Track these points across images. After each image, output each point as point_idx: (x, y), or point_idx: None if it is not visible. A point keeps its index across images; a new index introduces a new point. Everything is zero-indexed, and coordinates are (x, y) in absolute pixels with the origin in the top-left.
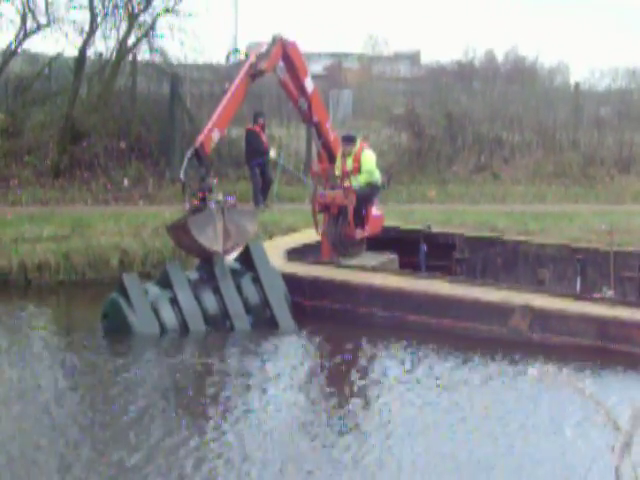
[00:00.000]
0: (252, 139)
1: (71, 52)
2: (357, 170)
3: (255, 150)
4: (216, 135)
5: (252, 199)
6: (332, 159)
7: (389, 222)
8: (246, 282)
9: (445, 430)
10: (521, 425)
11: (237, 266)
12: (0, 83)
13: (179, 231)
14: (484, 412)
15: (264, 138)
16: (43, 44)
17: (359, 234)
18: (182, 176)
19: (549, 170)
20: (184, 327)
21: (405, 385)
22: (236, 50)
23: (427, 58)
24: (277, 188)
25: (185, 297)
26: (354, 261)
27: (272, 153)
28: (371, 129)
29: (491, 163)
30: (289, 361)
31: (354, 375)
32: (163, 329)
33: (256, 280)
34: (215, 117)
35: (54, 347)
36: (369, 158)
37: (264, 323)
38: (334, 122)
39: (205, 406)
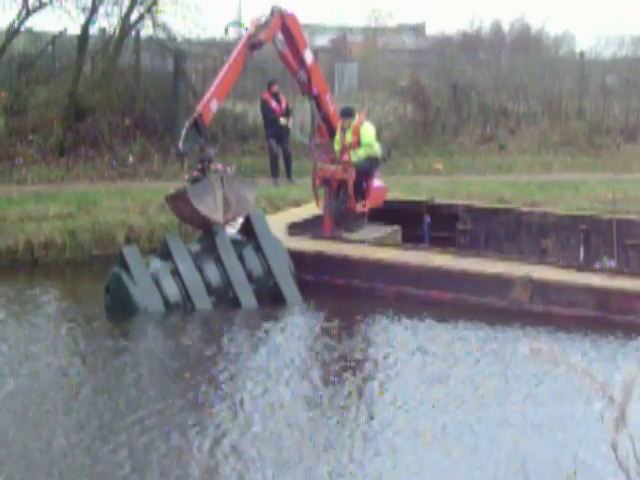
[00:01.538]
0: (262, 107)
1: (74, 30)
2: (356, 143)
3: (265, 118)
4: (214, 105)
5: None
6: (332, 132)
7: (394, 194)
8: (248, 252)
9: (452, 399)
10: (520, 396)
11: (239, 237)
12: (3, 62)
13: (179, 201)
14: (486, 384)
15: (273, 105)
16: (46, 22)
17: (360, 208)
18: (181, 146)
19: (555, 140)
20: (187, 298)
21: (411, 357)
22: (239, 24)
23: (432, 29)
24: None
25: (186, 267)
26: (356, 235)
27: (282, 120)
28: (376, 101)
29: (497, 133)
30: (295, 338)
31: (361, 349)
32: (166, 301)
33: (258, 250)
34: (214, 88)
35: (59, 326)
36: (368, 131)
37: (268, 293)
38: (339, 95)
39: (213, 388)
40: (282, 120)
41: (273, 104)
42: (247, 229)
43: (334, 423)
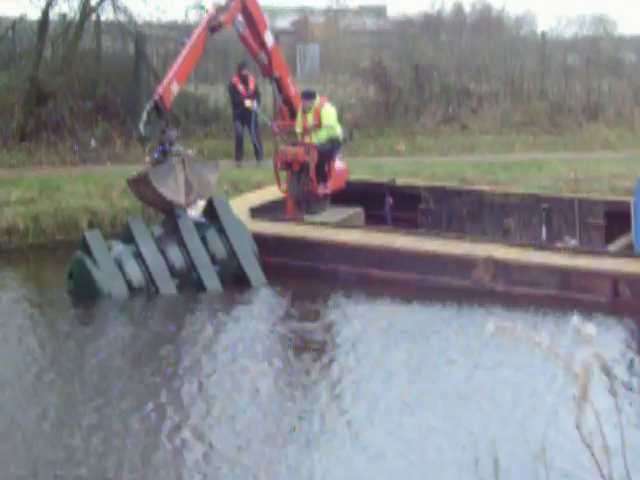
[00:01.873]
0: (230, 89)
1: (34, 14)
2: (318, 126)
3: (232, 101)
4: (175, 88)
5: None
6: (294, 115)
7: (357, 176)
8: (211, 234)
9: (418, 379)
10: (485, 373)
11: (202, 219)
12: None
13: (140, 184)
14: (451, 363)
15: (239, 88)
16: (5, 7)
17: (322, 190)
18: (141, 129)
19: (517, 119)
20: (151, 282)
21: (375, 338)
22: (200, 6)
23: (393, 11)
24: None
25: (149, 251)
26: (318, 217)
27: (247, 103)
28: (338, 83)
29: (459, 114)
30: (259, 321)
31: (324, 331)
32: (129, 285)
33: (221, 232)
34: (174, 70)
35: (22, 311)
36: (329, 113)
37: (232, 275)
38: (301, 77)
39: (177, 372)
40: (247, 102)
41: (240, 87)
42: (210, 211)
43: (298, 406)
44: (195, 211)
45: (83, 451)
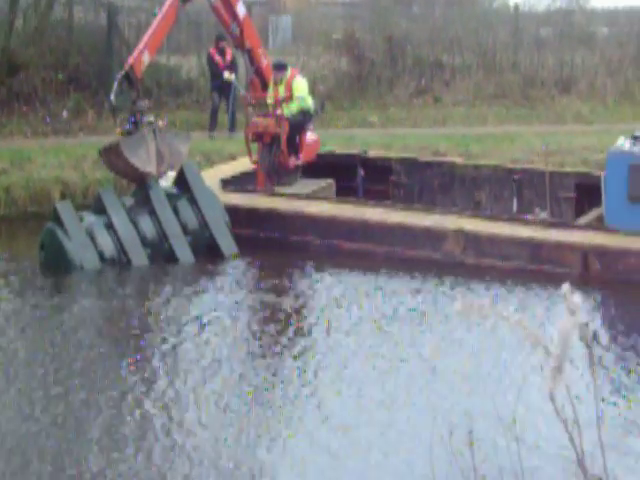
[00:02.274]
0: (207, 61)
1: None
2: (289, 98)
3: (210, 72)
4: (146, 58)
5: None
6: (265, 86)
7: (328, 147)
8: (182, 204)
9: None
10: (456, 347)
11: (173, 189)
12: None
13: (112, 154)
14: (420, 336)
15: (216, 59)
16: None
17: (293, 162)
18: (112, 98)
19: (490, 92)
20: (122, 253)
21: (344, 310)
22: None
23: None
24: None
25: (120, 221)
26: (289, 189)
27: (226, 75)
28: (311, 55)
29: (432, 86)
30: (229, 293)
31: (293, 302)
32: (101, 256)
33: (193, 202)
34: (145, 40)
35: None
36: (301, 85)
37: (204, 245)
38: (273, 48)
39: (143, 344)
40: (225, 74)
41: (216, 58)
42: (181, 181)
43: (262, 376)
44: (165, 181)
45: (44, 422)
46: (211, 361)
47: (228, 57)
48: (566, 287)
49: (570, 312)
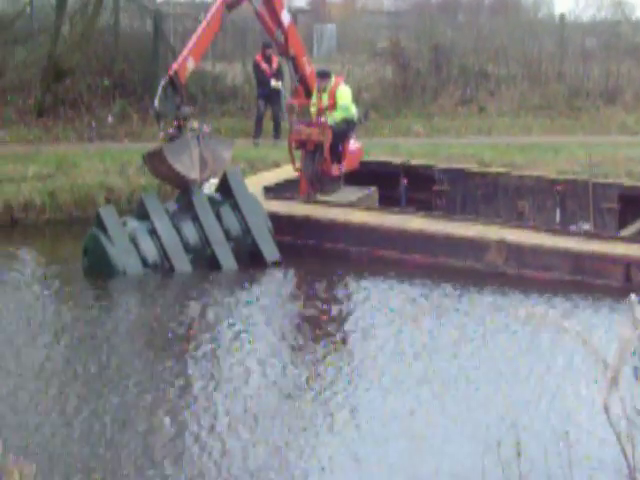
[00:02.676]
0: (254, 68)
1: None
2: (333, 106)
3: (257, 80)
4: (191, 64)
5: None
6: (309, 94)
7: (372, 156)
8: (225, 210)
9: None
10: (513, 364)
11: (216, 195)
12: None
13: (155, 159)
14: (467, 342)
15: (263, 66)
16: None
17: (336, 170)
18: (156, 104)
19: (535, 102)
20: (165, 258)
21: (388, 318)
22: None
23: None
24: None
25: (163, 226)
26: (332, 197)
27: (273, 82)
28: (356, 63)
29: (477, 96)
30: (271, 302)
31: (334, 312)
32: (144, 262)
33: (236, 208)
34: (190, 46)
35: (36, 287)
36: (345, 93)
37: (246, 251)
38: (318, 56)
39: (183, 351)
40: (273, 82)
41: (263, 65)
42: (224, 187)
43: (300, 384)
44: (208, 188)
45: (77, 424)
46: (246, 368)
47: (274, 65)
48: (634, 298)
49: (635, 324)
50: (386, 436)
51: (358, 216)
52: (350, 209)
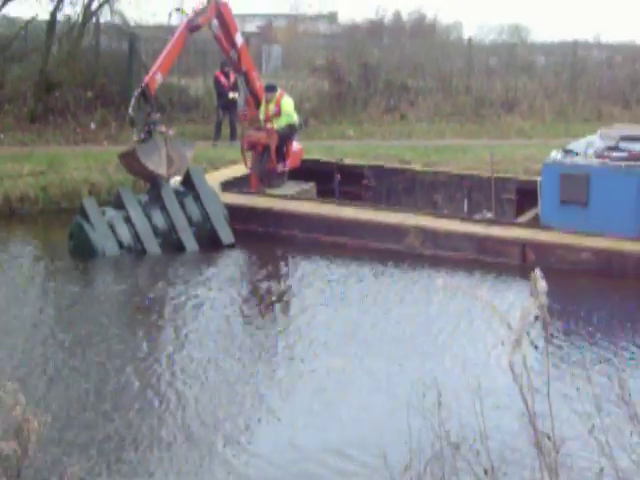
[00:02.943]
0: (215, 83)
1: (43, 16)
2: (278, 114)
3: (217, 92)
4: (159, 77)
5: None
6: (258, 104)
7: (312, 156)
8: (188, 201)
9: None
10: (428, 327)
11: (180, 188)
12: None
13: (129, 158)
14: (398, 317)
15: (223, 81)
16: (19, 9)
17: (280, 168)
18: (130, 112)
19: (447, 111)
20: (138, 241)
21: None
22: (180, 10)
23: (344, 17)
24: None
25: (136, 215)
26: (277, 191)
27: (230, 94)
28: (298, 78)
29: (399, 105)
30: (227, 280)
31: (281, 287)
32: (120, 244)
33: (197, 199)
34: (158, 62)
35: (28, 265)
36: (288, 103)
37: (206, 235)
38: (266, 73)
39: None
40: (230, 94)
41: (222, 80)
42: (187, 182)
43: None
44: (174, 183)
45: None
46: (202, 333)
47: (232, 79)
48: (537, 273)
49: (534, 294)
50: (322, 387)
51: (299, 206)
52: (293, 200)
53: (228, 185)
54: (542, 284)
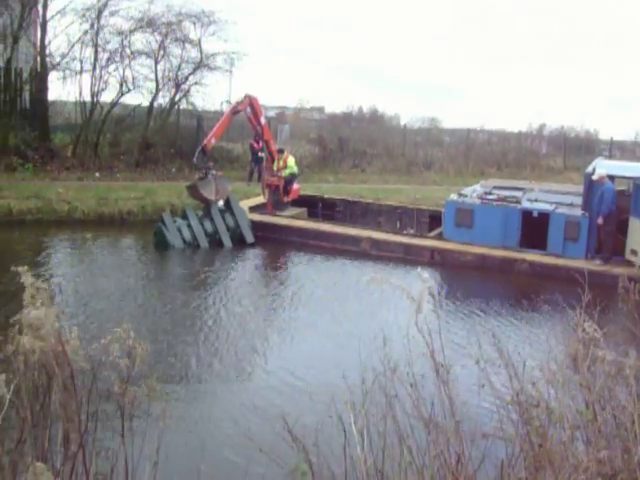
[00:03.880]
0: (250, 147)
1: (145, 103)
2: (285, 167)
3: (251, 152)
4: (213, 141)
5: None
6: (273, 161)
7: (305, 192)
8: (227, 216)
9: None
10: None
11: (223, 208)
12: (110, 120)
13: (193, 189)
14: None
15: (255, 146)
16: (130, 99)
17: (285, 199)
18: (195, 161)
19: (390, 168)
20: (194, 239)
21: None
22: (228, 101)
23: (329, 109)
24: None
25: (195, 223)
26: (283, 213)
27: (260, 154)
28: (299, 145)
29: (361, 164)
30: (252, 268)
31: (284, 273)
32: (184, 241)
33: (233, 215)
34: (212, 131)
35: (129, 253)
36: (291, 160)
37: (237, 237)
38: (279, 141)
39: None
40: (259, 154)
41: (255, 145)
42: (227, 204)
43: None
44: (219, 205)
45: (136, 314)
46: (239, 296)
47: (260, 145)
48: (420, 269)
49: (423, 280)
50: (305, 339)
51: (296, 222)
52: (292, 219)
53: (253, 208)
54: (425, 275)
